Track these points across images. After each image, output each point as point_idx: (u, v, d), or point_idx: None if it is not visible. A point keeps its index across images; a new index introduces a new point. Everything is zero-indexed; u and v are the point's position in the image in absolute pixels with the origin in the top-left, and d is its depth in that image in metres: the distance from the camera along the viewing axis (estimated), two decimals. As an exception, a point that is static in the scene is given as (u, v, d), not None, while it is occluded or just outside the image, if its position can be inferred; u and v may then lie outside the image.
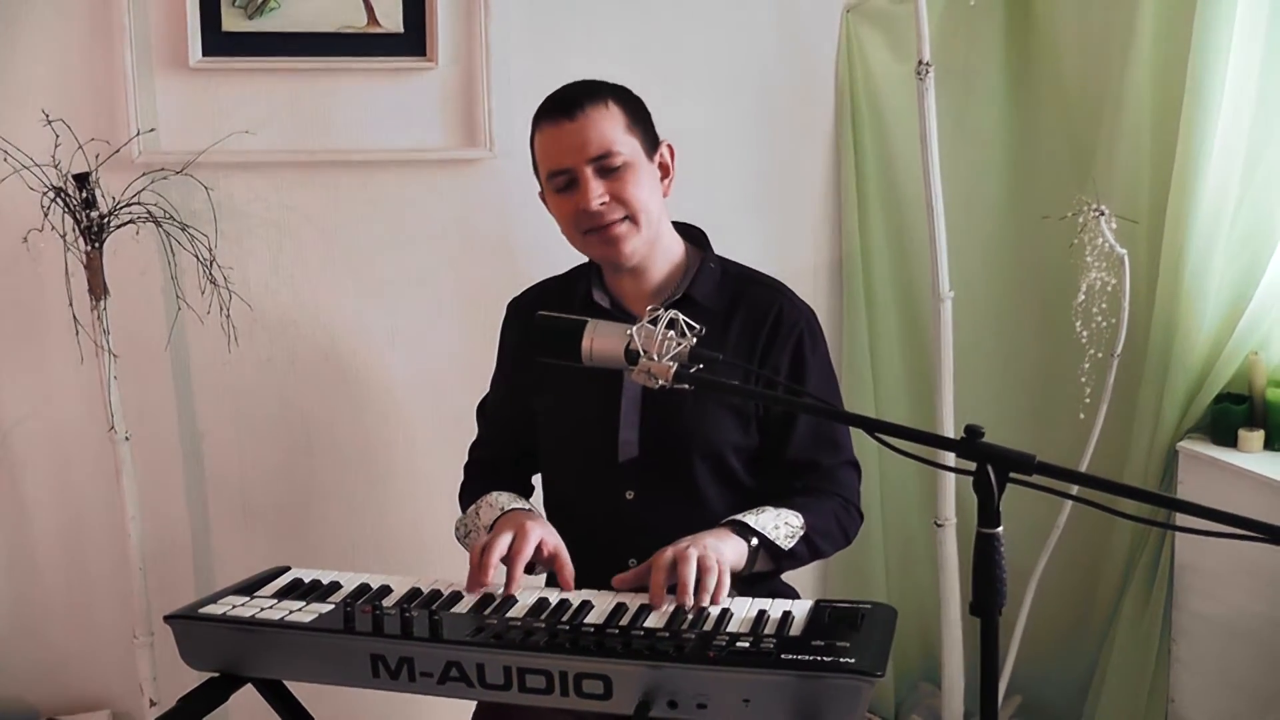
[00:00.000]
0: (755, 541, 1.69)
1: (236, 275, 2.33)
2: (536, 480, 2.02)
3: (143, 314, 2.36)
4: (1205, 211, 2.26)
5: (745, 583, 1.68)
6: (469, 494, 1.95)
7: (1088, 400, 2.35)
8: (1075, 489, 1.42)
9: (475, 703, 1.79)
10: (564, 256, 2.01)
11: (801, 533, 1.76)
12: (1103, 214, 2.24)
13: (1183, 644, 2.39)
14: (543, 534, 1.68)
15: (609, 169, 1.77)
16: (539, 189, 1.88)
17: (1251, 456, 2.26)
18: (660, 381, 1.50)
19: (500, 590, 1.63)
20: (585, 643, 1.46)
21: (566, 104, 1.78)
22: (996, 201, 2.61)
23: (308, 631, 1.53)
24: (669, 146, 1.88)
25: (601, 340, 1.56)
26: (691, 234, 1.93)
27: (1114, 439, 2.43)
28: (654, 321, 1.54)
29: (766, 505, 1.77)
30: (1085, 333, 2.30)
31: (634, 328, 1.53)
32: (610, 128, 1.77)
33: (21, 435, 2.42)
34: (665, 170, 1.87)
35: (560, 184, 1.79)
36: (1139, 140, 2.39)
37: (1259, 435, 2.27)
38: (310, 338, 2.46)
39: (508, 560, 1.64)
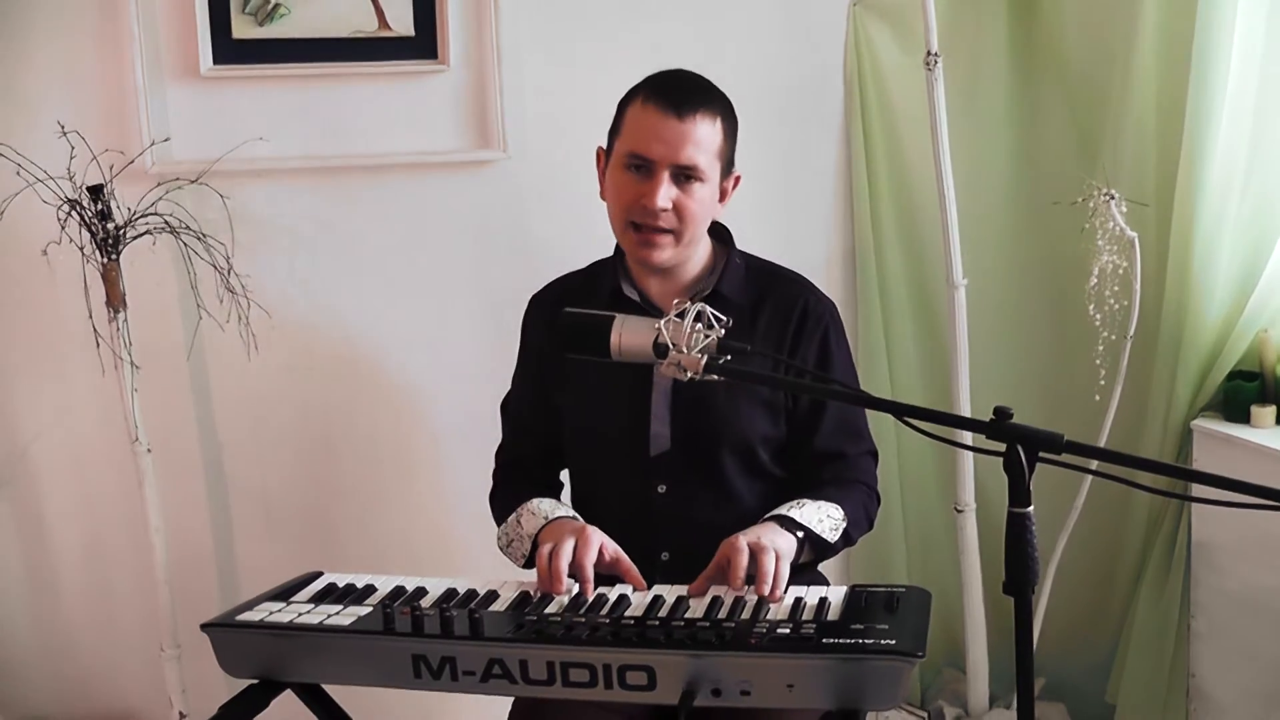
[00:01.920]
0: (801, 535, 1.72)
1: (253, 283, 2.32)
2: (564, 476, 2.03)
3: (160, 325, 2.36)
4: (1212, 193, 2.28)
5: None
6: (502, 501, 1.94)
7: (1102, 382, 2.37)
8: (1095, 464, 1.43)
9: (510, 702, 1.79)
10: (580, 255, 2.03)
11: (844, 526, 1.79)
12: (1113, 198, 2.26)
13: (1202, 620, 2.41)
14: (601, 539, 1.69)
15: (685, 179, 1.78)
16: (607, 144, 1.86)
17: (1264, 432, 2.28)
18: (689, 374, 1.52)
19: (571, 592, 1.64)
20: (627, 635, 1.47)
21: (680, 100, 1.76)
22: (1005, 189, 2.62)
23: (348, 634, 1.53)
24: (737, 178, 1.88)
25: (630, 335, 1.57)
26: (716, 230, 1.94)
27: (1129, 419, 2.45)
28: (681, 315, 1.55)
29: (803, 498, 1.79)
30: (1099, 316, 2.32)
31: (662, 321, 1.54)
32: (708, 145, 1.78)
33: (41, 449, 2.42)
34: (724, 195, 1.87)
35: (635, 165, 1.79)
36: (1144, 124, 2.41)
37: (1271, 411, 2.30)
38: (328, 343, 2.46)
39: (575, 565, 1.64)
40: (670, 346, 1.53)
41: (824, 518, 1.76)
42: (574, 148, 2.48)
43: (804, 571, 1.83)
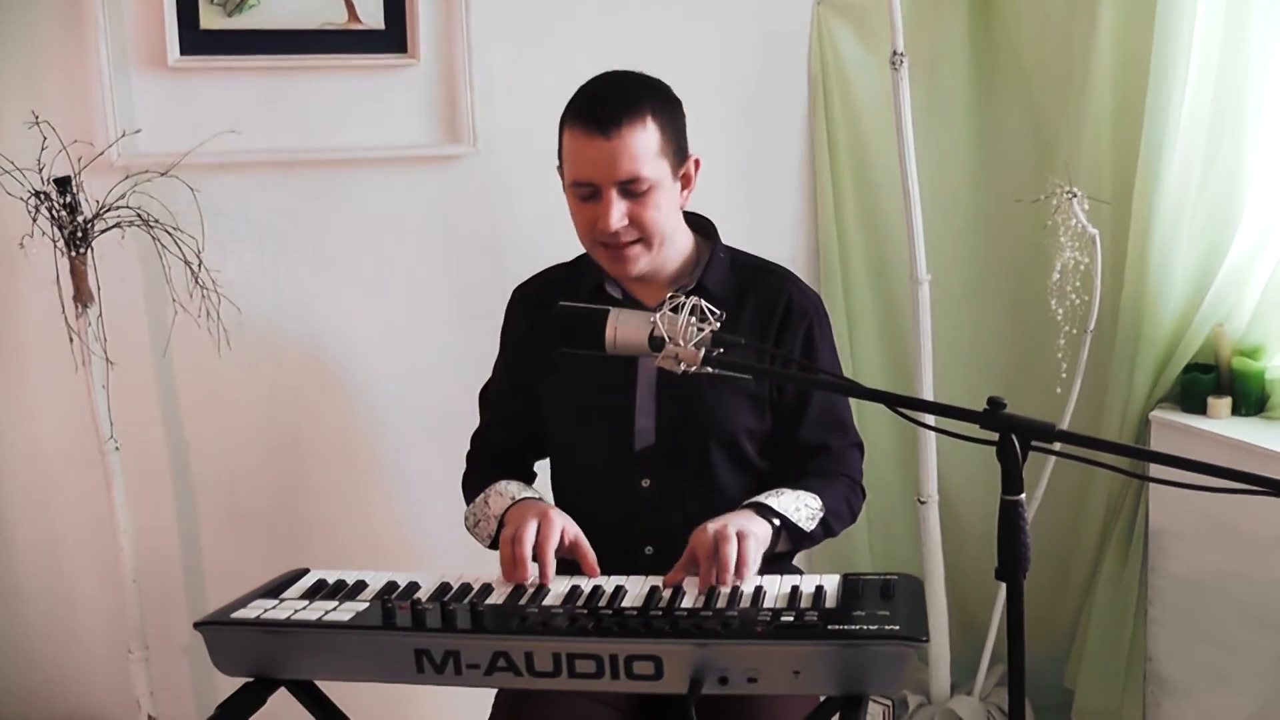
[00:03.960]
0: (777, 522, 1.73)
1: (221, 278, 2.27)
2: (539, 467, 2.03)
3: (126, 320, 2.31)
4: (1170, 191, 2.35)
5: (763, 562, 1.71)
6: (473, 482, 1.93)
7: (1063, 375, 2.43)
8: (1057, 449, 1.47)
9: (491, 695, 1.79)
10: (549, 252, 2.03)
11: (821, 515, 1.79)
12: (1075, 196, 2.32)
13: (1158, 605, 2.48)
14: (563, 522, 1.70)
15: (634, 192, 1.75)
16: (558, 164, 1.85)
17: (1220, 422, 2.36)
18: (685, 366, 1.53)
19: (534, 581, 1.64)
20: (633, 625, 1.47)
21: (603, 119, 1.72)
22: (967, 186, 2.68)
23: (348, 630, 1.51)
24: (696, 161, 1.86)
25: (625, 329, 1.57)
26: (700, 224, 1.94)
27: (1089, 410, 2.52)
28: (676, 309, 1.56)
29: (783, 488, 1.80)
30: (1060, 311, 2.37)
31: (657, 315, 1.54)
32: (643, 151, 1.73)
33: (3, 447, 2.35)
34: (687, 182, 1.85)
35: (583, 194, 1.77)
36: (1101, 123, 2.47)
37: (1226, 402, 2.38)
38: (296, 339, 2.42)
39: (536, 550, 1.65)
40: (666, 340, 1.54)
41: (801, 506, 1.76)
42: (543, 143, 2.45)
43: (780, 561, 1.85)
